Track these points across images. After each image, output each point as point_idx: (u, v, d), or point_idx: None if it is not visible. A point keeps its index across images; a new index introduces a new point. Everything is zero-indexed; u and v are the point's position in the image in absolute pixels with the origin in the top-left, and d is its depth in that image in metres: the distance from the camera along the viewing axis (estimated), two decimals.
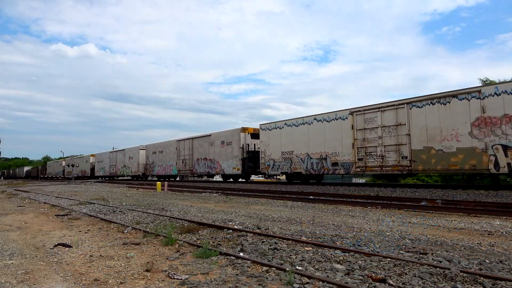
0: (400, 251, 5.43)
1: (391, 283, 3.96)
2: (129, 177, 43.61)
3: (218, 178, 40.48)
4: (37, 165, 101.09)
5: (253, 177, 31.61)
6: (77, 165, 57.19)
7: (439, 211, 10.29)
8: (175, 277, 4.36)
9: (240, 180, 28.14)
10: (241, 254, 5.36)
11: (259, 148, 24.37)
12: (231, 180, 28.67)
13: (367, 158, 17.44)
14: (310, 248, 5.59)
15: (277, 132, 22.33)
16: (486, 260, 4.82)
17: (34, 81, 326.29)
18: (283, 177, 26.23)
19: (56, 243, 6.54)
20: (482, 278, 4.01)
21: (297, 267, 4.61)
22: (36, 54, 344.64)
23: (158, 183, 23.92)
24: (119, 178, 46.58)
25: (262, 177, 29.51)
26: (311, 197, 14.76)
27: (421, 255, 5.11)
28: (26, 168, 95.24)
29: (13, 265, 5.20)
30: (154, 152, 37.26)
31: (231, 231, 7.23)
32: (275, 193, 17.60)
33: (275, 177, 26.98)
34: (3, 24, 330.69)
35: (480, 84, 23.94)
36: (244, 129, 25.54)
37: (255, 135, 25.47)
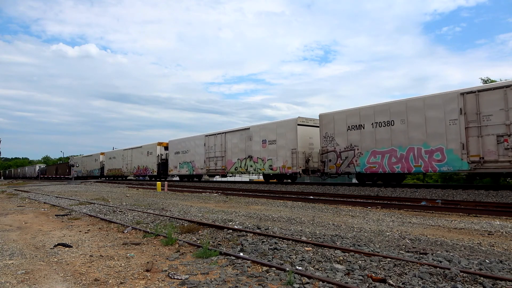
0: (400, 251, 5.43)
1: (391, 283, 3.96)
2: (262, 179, 26.21)
3: None
4: (55, 162, 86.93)
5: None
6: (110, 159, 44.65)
7: (439, 211, 10.30)
8: (175, 277, 4.36)
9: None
10: (241, 254, 5.36)
11: None
12: None
13: None
14: (310, 248, 5.59)
15: None
16: (486, 260, 4.82)
17: (35, 81, 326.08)
18: None
19: (56, 243, 6.54)
20: (482, 278, 4.01)
21: (297, 267, 4.61)
22: (37, 54, 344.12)
23: (158, 183, 23.81)
24: (236, 180, 30.94)
25: None
26: (311, 197, 14.77)
27: (421, 255, 5.11)
28: (39, 166, 79.19)
29: (13, 265, 5.20)
30: (353, 127, 17.79)
31: (231, 231, 7.23)
32: (275, 193, 17.62)
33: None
34: (3, 24, 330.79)
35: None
36: None
37: None
